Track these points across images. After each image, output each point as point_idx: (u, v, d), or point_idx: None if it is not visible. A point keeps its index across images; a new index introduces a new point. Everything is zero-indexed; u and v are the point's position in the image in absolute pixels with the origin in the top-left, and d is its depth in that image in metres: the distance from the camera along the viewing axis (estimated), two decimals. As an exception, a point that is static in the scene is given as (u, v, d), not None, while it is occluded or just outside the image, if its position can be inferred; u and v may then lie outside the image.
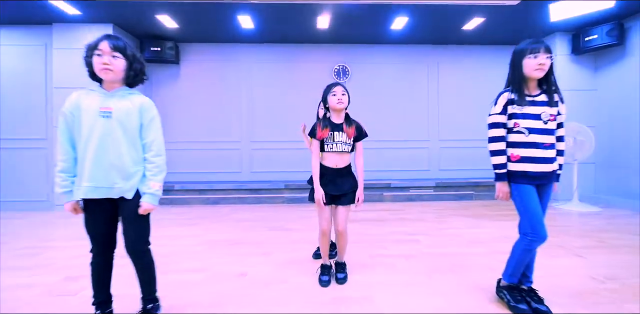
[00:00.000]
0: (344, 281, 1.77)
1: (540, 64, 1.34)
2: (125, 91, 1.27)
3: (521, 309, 1.41)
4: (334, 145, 1.70)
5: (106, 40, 1.21)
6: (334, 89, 1.70)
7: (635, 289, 1.69)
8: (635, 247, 2.39)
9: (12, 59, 3.97)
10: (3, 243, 2.60)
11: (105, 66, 1.18)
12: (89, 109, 1.20)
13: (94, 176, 1.19)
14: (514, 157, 1.41)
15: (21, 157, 4.00)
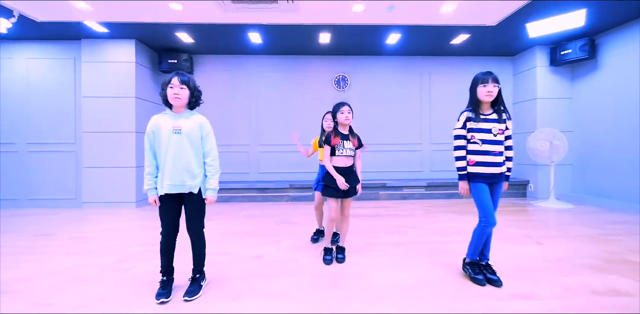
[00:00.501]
0: (343, 260, 2.21)
1: (489, 91, 1.78)
2: (188, 113, 1.74)
3: (478, 279, 1.84)
4: (344, 150, 2.18)
5: (176, 76, 1.68)
6: (342, 108, 2.19)
7: (577, 267, 2.12)
8: (589, 237, 2.83)
9: (44, 71, 4.41)
10: (52, 234, 3.04)
11: (176, 96, 1.65)
12: (166, 127, 1.66)
13: (172, 177, 1.65)
14: (471, 162, 1.85)
15: (52, 160, 4.43)
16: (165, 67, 4.70)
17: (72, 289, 1.84)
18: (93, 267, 2.18)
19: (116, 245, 2.68)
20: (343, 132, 2.23)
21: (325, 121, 2.60)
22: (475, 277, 1.86)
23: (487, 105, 1.87)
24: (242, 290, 1.81)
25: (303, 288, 1.84)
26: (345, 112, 2.17)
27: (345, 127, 2.24)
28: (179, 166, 1.66)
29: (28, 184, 4.41)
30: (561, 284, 1.85)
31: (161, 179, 1.68)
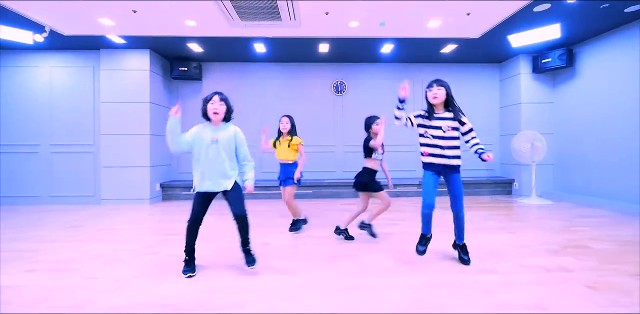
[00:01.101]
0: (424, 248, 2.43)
1: (434, 94, 2.11)
2: (225, 125, 2.14)
3: (418, 249, 2.24)
4: (378, 155, 2.71)
5: (217, 95, 2.09)
6: (377, 121, 2.66)
7: (537, 251, 2.49)
8: (557, 228, 3.19)
9: (66, 78, 4.79)
10: (84, 226, 3.41)
11: (215, 110, 2.05)
12: (206, 137, 2.06)
13: (210, 178, 2.04)
14: (425, 153, 2.19)
15: (73, 160, 4.81)
16: (176, 74, 5.08)
17: (111, 267, 2.21)
18: (125, 251, 2.55)
19: (142, 235, 3.06)
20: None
21: (281, 123, 3.01)
22: (417, 246, 2.26)
23: (440, 106, 2.16)
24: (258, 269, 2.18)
25: (306, 267, 2.21)
26: (380, 123, 2.61)
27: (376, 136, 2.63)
28: (216, 171, 2.05)
29: (50, 182, 4.78)
30: (519, 263, 2.22)
31: (201, 180, 2.06)
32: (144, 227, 3.34)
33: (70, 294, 1.81)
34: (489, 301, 1.69)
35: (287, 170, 3.00)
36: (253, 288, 1.87)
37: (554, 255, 2.39)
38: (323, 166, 5.53)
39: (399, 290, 1.83)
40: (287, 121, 3.02)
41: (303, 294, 1.79)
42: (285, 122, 3.01)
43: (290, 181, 2.98)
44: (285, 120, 3.02)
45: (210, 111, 2.05)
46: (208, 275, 2.07)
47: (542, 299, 1.70)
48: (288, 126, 3.00)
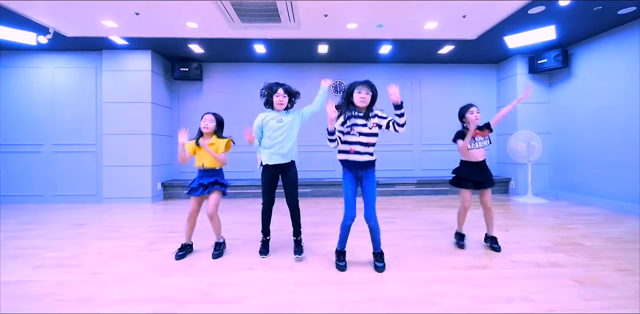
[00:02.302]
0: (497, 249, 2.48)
1: (362, 98, 2.02)
2: (285, 112, 2.44)
3: (339, 265, 2.15)
4: (477, 143, 2.50)
5: (281, 87, 2.37)
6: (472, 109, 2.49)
7: (529, 248, 2.56)
8: (551, 225, 3.27)
9: (68, 79, 4.85)
10: (88, 224, 3.49)
11: (280, 102, 2.36)
12: (272, 120, 2.38)
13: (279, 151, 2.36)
14: (352, 150, 2.08)
15: (75, 159, 4.88)
16: (177, 75, 5.15)
17: (116, 263, 2.28)
18: (128, 248, 2.62)
19: (144, 232, 3.13)
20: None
21: (204, 121, 2.41)
22: (337, 263, 2.17)
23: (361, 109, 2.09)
24: (255, 263, 2.26)
25: (304, 263, 2.28)
26: (474, 112, 2.45)
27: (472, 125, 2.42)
28: (283, 146, 2.36)
29: (53, 182, 4.85)
30: (511, 259, 2.30)
31: (270, 155, 2.35)
32: (146, 226, 3.42)
33: (77, 289, 1.88)
34: (480, 295, 1.76)
35: (211, 175, 2.41)
36: (253, 283, 1.95)
37: (546, 252, 2.46)
38: (322, 165, 5.60)
39: (393, 285, 1.90)
40: (212, 118, 2.42)
41: (299, 290, 1.86)
42: (209, 121, 2.41)
43: (221, 188, 2.40)
44: (210, 118, 2.42)
45: (277, 101, 2.36)
46: (210, 270, 2.14)
47: (530, 293, 1.78)
48: (212, 125, 2.41)
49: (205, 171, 2.41)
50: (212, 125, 2.41)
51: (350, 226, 2.18)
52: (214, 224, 2.44)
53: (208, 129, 2.41)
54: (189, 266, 2.20)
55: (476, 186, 2.49)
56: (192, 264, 2.25)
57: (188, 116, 5.46)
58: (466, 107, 2.52)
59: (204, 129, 2.41)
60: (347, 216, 2.14)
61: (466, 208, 2.56)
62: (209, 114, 2.45)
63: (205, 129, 2.41)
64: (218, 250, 2.42)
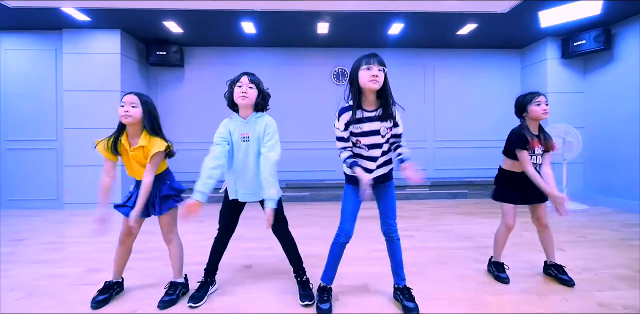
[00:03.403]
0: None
1: (373, 76, 1.35)
2: (255, 117, 1.60)
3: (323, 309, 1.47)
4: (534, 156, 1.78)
5: (245, 75, 1.56)
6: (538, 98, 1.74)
7: (602, 277, 1.87)
8: (614, 242, 2.58)
9: (22, 63, 4.13)
10: (26, 239, 2.77)
11: (243, 94, 1.52)
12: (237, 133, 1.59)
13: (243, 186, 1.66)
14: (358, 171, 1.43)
15: (31, 158, 4.16)
16: (153, 60, 4.43)
17: (26, 305, 1.58)
18: (58, 278, 1.91)
19: (92, 251, 2.42)
20: (533, 131, 1.79)
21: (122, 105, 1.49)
22: (319, 306, 1.49)
23: (372, 97, 1.45)
24: (225, 309, 1.55)
25: (289, 306, 1.58)
26: (542, 103, 1.73)
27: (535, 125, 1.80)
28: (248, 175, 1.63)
29: (6, 184, 4.13)
30: (596, 301, 1.60)
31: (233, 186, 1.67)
32: (102, 240, 2.69)
33: None
34: None
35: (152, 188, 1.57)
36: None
37: (635, 286, 1.77)
38: (321, 165, 4.90)
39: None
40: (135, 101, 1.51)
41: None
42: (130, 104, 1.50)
43: (169, 201, 1.62)
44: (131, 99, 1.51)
45: (237, 93, 1.54)
46: None
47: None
48: (136, 112, 1.50)
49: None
50: (135, 111, 1.49)
51: (344, 246, 1.59)
52: (171, 251, 1.69)
53: (130, 117, 1.47)
54: (127, 316, 1.50)
55: (524, 201, 1.83)
56: (134, 310, 1.54)
57: (167, 108, 4.74)
58: (529, 96, 1.77)
59: (123, 119, 1.48)
60: (341, 231, 1.57)
61: (510, 228, 1.88)
62: (130, 94, 1.52)
63: (126, 118, 1.47)
64: (171, 294, 1.58)
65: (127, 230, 1.64)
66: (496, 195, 1.92)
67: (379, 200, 1.62)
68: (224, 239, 1.73)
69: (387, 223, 1.61)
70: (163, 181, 1.64)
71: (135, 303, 1.61)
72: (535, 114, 1.74)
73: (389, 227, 1.61)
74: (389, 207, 1.59)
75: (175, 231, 1.71)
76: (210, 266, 1.72)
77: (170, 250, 1.70)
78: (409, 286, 1.60)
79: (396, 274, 1.62)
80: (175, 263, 1.70)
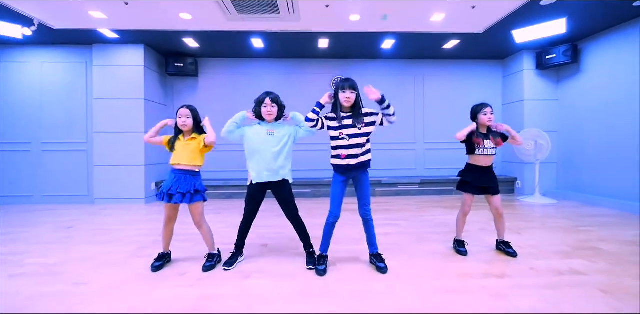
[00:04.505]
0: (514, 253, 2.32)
1: (347, 97, 1.94)
2: (276, 124, 2.21)
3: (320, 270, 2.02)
4: (484, 150, 2.30)
5: (268, 97, 2.14)
6: (486, 109, 2.29)
7: (547, 253, 2.40)
8: (565, 228, 3.11)
9: (57, 74, 4.64)
10: (76, 226, 3.30)
11: (269, 113, 2.14)
12: (261, 131, 2.16)
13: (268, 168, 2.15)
14: (343, 155, 2.01)
15: (64, 158, 4.68)
16: (172, 71, 4.95)
17: (102, 271, 2.10)
18: (117, 254, 2.44)
19: (133, 235, 2.94)
20: (482, 131, 2.33)
21: (180, 117, 2.12)
22: (317, 268, 2.05)
23: (347, 109, 2.02)
24: (252, 271, 2.08)
25: (307, 271, 2.11)
26: (488, 113, 2.27)
27: (484, 127, 2.33)
28: (272, 161, 2.13)
29: (42, 182, 4.65)
30: (529, 266, 2.13)
31: (258, 171, 2.15)
32: (138, 228, 3.23)
33: (57, 301, 1.70)
34: (501, 307, 1.59)
35: (190, 180, 2.09)
36: (252, 294, 1.77)
37: (565, 257, 2.30)
38: (321, 165, 5.41)
39: (404, 296, 1.73)
40: (189, 114, 2.11)
41: (304, 301, 1.69)
42: (187, 116, 2.11)
43: (199, 195, 2.12)
44: (186, 113, 2.10)
45: (265, 112, 2.14)
46: (203, 280, 1.96)
47: (555, 305, 1.61)
48: (190, 122, 2.13)
49: (182, 173, 2.09)
50: (190, 122, 2.11)
51: (334, 224, 2.14)
52: (203, 234, 2.20)
53: (187, 126, 2.11)
54: (181, 276, 2.02)
55: (481, 192, 2.36)
56: (184, 272, 2.07)
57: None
58: (479, 107, 2.34)
59: (182, 127, 2.11)
60: (331, 213, 2.11)
61: (466, 213, 2.43)
62: (184, 108, 2.11)
63: (184, 127, 2.11)
64: (211, 261, 2.13)
65: (168, 216, 2.17)
66: (459, 185, 2.44)
67: (357, 189, 2.14)
68: (249, 221, 2.26)
69: (363, 208, 2.15)
70: (199, 178, 2.18)
71: (184, 268, 2.14)
72: (482, 122, 2.31)
73: (365, 211, 2.15)
74: (365, 195, 2.12)
75: (204, 219, 2.22)
76: (239, 242, 2.25)
77: (202, 233, 2.22)
78: (380, 253, 2.16)
79: (370, 244, 2.19)
80: (207, 241, 2.23)
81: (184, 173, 2.10)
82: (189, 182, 2.09)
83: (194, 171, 2.14)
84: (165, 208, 2.13)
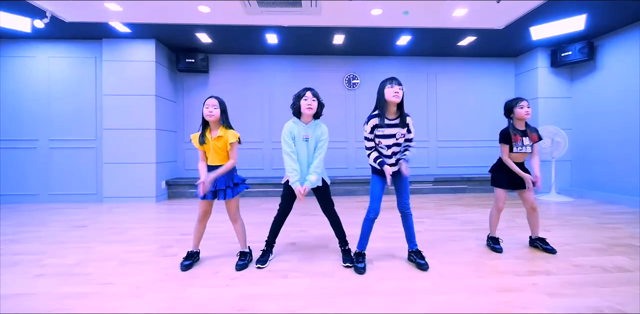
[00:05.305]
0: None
1: (395, 92, 1.87)
2: (314, 123, 2.10)
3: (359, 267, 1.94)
4: (523, 147, 2.23)
5: (309, 91, 2.04)
6: (522, 103, 2.20)
7: (585, 250, 2.34)
8: (591, 225, 3.06)
9: (65, 69, 4.52)
10: (87, 226, 3.18)
11: (309, 106, 2.01)
12: (300, 135, 2.06)
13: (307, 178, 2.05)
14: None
15: (73, 156, 4.55)
16: (182, 66, 4.85)
17: (129, 271, 2.00)
18: (140, 253, 2.34)
19: (151, 234, 2.84)
20: (519, 128, 2.26)
21: (206, 107, 1.98)
22: (356, 266, 1.97)
23: (394, 109, 1.96)
24: (287, 269, 2.00)
25: (342, 269, 2.03)
26: (525, 106, 2.19)
27: (521, 123, 2.26)
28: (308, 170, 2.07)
29: (49, 180, 4.52)
30: (571, 263, 2.07)
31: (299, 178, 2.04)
32: (155, 227, 3.13)
33: (87, 303, 1.60)
34: (560, 306, 1.53)
35: (226, 175, 2.03)
36: (293, 294, 1.69)
37: (603, 254, 2.24)
38: (334, 163, 5.35)
39: (456, 295, 1.66)
40: (216, 104, 1.98)
41: (350, 302, 1.61)
42: (213, 106, 1.97)
43: (240, 187, 2.08)
44: (213, 103, 1.98)
45: (305, 105, 2.01)
46: (239, 279, 1.88)
47: (615, 303, 1.55)
48: (217, 112, 1.98)
49: (218, 169, 2.02)
50: (217, 112, 1.98)
51: (373, 220, 2.06)
52: (237, 229, 2.14)
53: (213, 116, 1.98)
54: (214, 275, 1.93)
55: (515, 187, 2.30)
56: (216, 271, 1.98)
57: (193, 111, 5.16)
58: (515, 101, 2.27)
59: (208, 117, 1.98)
60: (371, 209, 2.04)
61: (500, 209, 2.37)
62: (212, 98, 2.00)
63: (210, 117, 1.98)
64: (243, 260, 2.06)
65: (204, 212, 2.09)
66: (493, 181, 2.38)
67: (396, 186, 2.10)
68: (284, 216, 2.17)
69: (402, 202, 2.09)
70: (233, 170, 2.10)
71: (215, 267, 2.05)
72: (519, 116, 2.23)
73: (404, 205, 2.09)
74: (404, 188, 2.07)
75: (239, 213, 2.15)
76: (270, 238, 2.17)
77: (237, 228, 2.15)
78: (420, 249, 2.08)
79: (410, 241, 2.12)
80: (240, 237, 2.15)
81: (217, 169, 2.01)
82: (226, 177, 2.03)
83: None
84: (201, 204, 2.06)
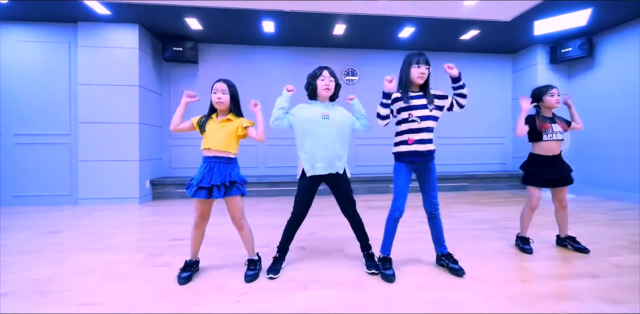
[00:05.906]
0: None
1: (421, 73, 1.73)
2: (330, 104, 1.91)
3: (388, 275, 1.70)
4: (554, 134, 2.11)
5: (326, 70, 1.84)
6: (552, 90, 2.12)
7: (615, 249, 2.22)
8: (605, 222, 2.98)
9: (34, 55, 4.01)
10: (62, 231, 2.77)
11: (327, 87, 1.82)
12: (314, 113, 1.83)
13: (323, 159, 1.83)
14: (410, 140, 1.77)
15: (42, 153, 4.05)
16: (168, 55, 4.45)
17: (115, 286, 1.67)
18: (126, 263, 2.00)
19: (135, 241, 2.49)
20: (547, 115, 2.16)
21: (215, 92, 1.73)
22: (383, 272, 1.73)
23: (417, 87, 1.82)
24: (306, 280, 1.73)
25: (367, 277, 1.79)
26: (555, 94, 2.10)
27: (549, 111, 2.16)
28: (329, 149, 1.80)
29: (13, 180, 4.00)
30: (610, 263, 1.93)
31: (312, 161, 1.80)
32: (140, 232, 2.77)
33: (65, 330, 1.28)
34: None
35: (224, 169, 1.71)
36: (316, 308, 1.43)
37: (634, 252, 2.12)
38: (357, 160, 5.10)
39: (500, 303, 1.46)
40: (225, 88, 1.72)
41: None
42: (222, 91, 1.72)
43: (237, 188, 1.71)
44: (222, 87, 1.72)
45: (322, 86, 1.83)
46: (251, 293, 1.59)
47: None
48: (227, 98, 1.74)
49: (215, 160, 1.69)
50: (226, 98, 1.71)
51: (398, 220, 1.84)
52: (244, 236, 1.82)
53: (223, 103, 1.71)
54: (220, 289, 1.64)
55: (551, 184, 2.14)
56: (222, 285, 1.68)
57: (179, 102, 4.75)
58: (544, 89, 2.16)
59: (217, 105, 1.72)
60: (396, 208, 1.81)
61: (533, 208, 2.20)
62: (220, 82, 1.72)
63: (220, 104, 1.71)
64: (254, 269, 1.76)
65: (201, 215, 1.76)
66: (525, 179, 2.21)
67: (422, 182, 1.86)
68: (300, 220, 1.90)
69: (430, 202, 1.86)
70: (234, 166, 1.78)
71: (219, 279, 1.75)
72: (549, 104, 2.13)
73: (432, 205, 1.87)
74: (432, 188, 1.84)
75: (245, 217, 1.84)
76: (283, 244, 1.89)
77: (243, 234, 1.84)
78: (451, 252, 1.87)
79: (439, 244, 1.90)
80: (248, 244, 1.85)
81: (216, 161, 1.71)
82: (223, 172, 1.69)
83: (229, 157, 1.74)
84: (197, 205, 1.73)
